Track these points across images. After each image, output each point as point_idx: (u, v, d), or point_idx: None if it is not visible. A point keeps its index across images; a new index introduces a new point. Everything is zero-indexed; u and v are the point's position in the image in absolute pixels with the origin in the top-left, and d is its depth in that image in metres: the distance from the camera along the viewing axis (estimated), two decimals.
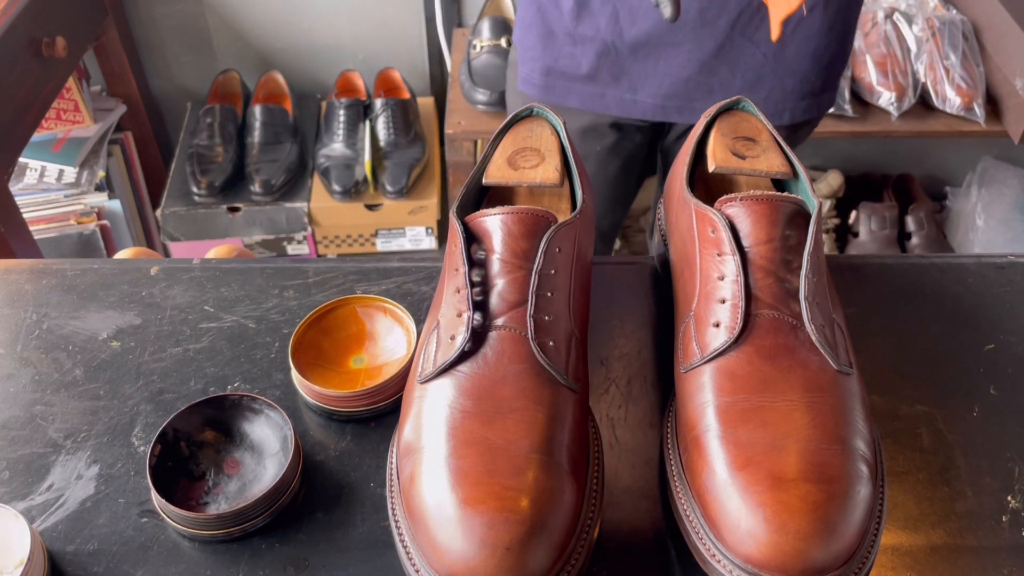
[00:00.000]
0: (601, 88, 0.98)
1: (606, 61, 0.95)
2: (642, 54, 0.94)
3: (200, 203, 1.69)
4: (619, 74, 0.96)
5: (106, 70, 1.73)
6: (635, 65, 0.95)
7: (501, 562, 0.42)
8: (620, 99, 0.99)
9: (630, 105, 0.99)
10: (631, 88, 0.97)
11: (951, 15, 1.64)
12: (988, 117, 1.55)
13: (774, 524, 0.43)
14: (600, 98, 0.99)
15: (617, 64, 0.96)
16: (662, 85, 0.96)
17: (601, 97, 0.99)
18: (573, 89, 1.00)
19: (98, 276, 0.69)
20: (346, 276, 0.68)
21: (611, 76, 0.97)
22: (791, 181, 0.58)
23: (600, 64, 0.96)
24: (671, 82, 0.96)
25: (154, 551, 0.52)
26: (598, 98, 0.99)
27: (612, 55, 0.95)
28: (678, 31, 0.91)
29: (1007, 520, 0.53)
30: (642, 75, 0.96)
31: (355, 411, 0.58)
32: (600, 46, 0.94)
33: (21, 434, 0.58)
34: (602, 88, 0.98)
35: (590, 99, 1.00)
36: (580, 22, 0.94)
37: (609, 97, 0.99)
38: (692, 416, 0.49)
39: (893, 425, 0.58)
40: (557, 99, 1.01)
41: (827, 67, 0.96)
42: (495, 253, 0.51)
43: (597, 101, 0.99)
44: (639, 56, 0.94)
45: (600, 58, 0.95)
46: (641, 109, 0.99)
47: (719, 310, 0.51)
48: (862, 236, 1.83)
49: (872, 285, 0.68)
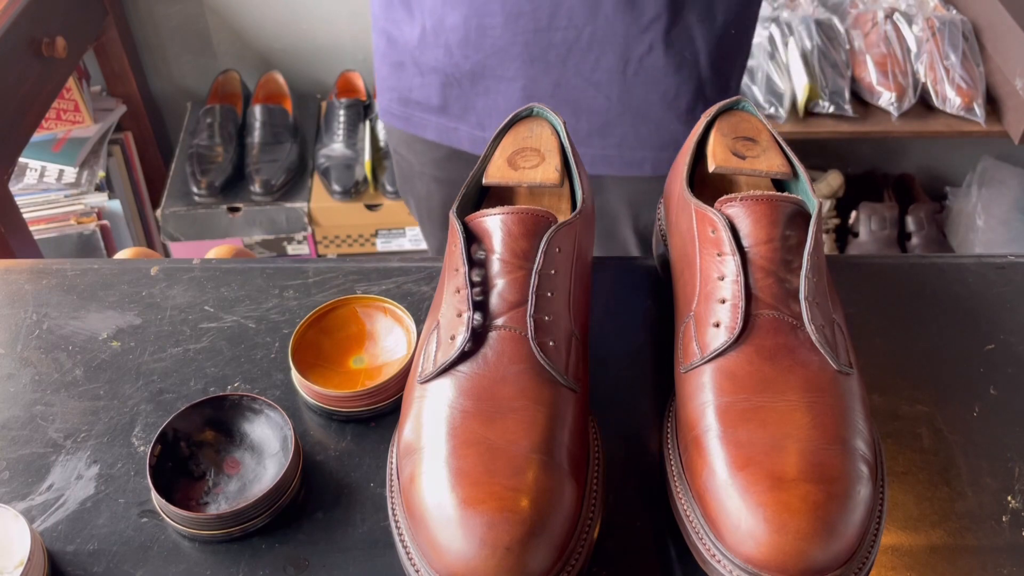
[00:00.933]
0: (454, 122, 0.93)
1: (452, 93, 0.90)
2: (481, 88, 0.88)
3: (200, 203, 1.69)
4: (466, 108, 0.91)
5: (106, 70, 1.74)
6: (478, 100, 0.89)
7: (501, 562, 0.42)
8: (471, 136, 0.93)
9: (481, 143, 0.93)
10: (479, 124, 0.91)
11: (951, 15, 1.64)
12: (988, 117, 1.55)
13: (774, 524, 0.43)
14: (454, 132, 0.94)
15: (462, 98, 0.90)
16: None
17: (455, 131, 0.94)
18: (429, 122, 0.95)
19: (98, 276, 0.69)
20: (346, 276, 0.68)
21: (460, 109, 0.91)
22: (791, 181, 0.58)
23: (447, 96, 0.91)
24: None
25: (154, 551, 0.52)
26: (452, 132, 0.94)
27: (455, 88, 0.90)
28: (508, 64, 0.85)
29: (1007, 520, 0.53)
30: (486, 110, 0.90)
31: (355, 411, 0.58)
32: (443, 77, 0.89)
33: (21, 434, 0.58)
34: (455, 122, 0.93)
35: (445, 132, 0.94)
36: (423, 51, 0.89)
37: (462, 133, 0.93)
38: (692, 416, 0.49)
39: (893, 425, 0.58)
40: (417, 130, 0.96)
41: (688, 112, 0.88)
42: (495, 253, 0.51)
43: (452, 135, 0.94)
44: (479, 90, 0.88)
45: (445, 89, 0.90)
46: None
47: (719, 310, 0.51)
48: (862, 236, 1.83)
49: (872, 285, 0.68)
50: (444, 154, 0.98)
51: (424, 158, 1.00)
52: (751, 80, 1.59)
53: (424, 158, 1.00)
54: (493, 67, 0.86)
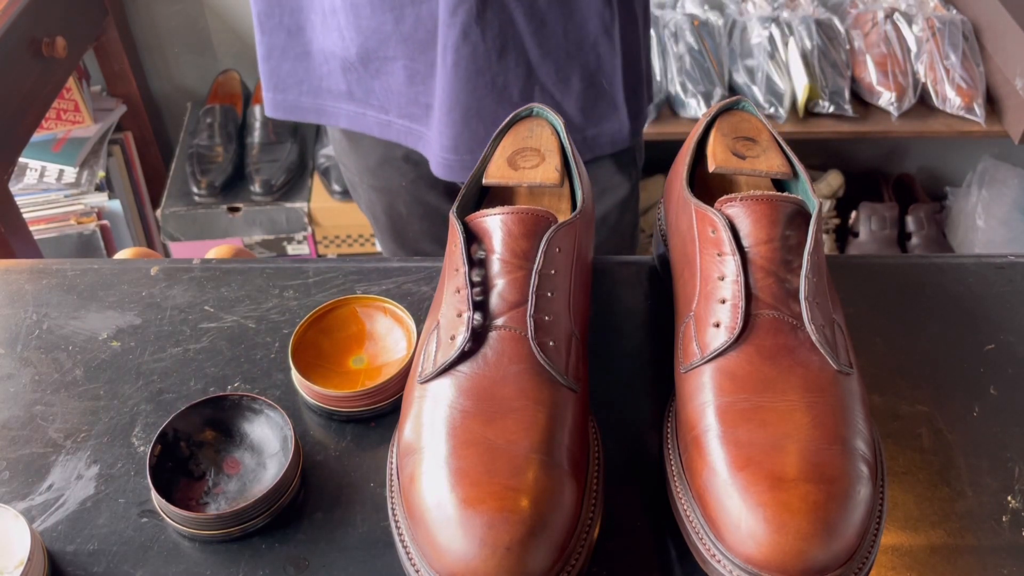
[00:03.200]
0: (361, 107, 0.91)
1: (352, 77, 0.89)
2: (372, 69, 0.86)
3: (200, 203, 1.69)
4: (367, 91, 0.89)
5: (106, 70, 1.73)
6: (374, 82, 0.88)
7: (501, 562, 0.42)
8: (378, 120, 0.91)
9: (387, 127, 0.91)
10: (381, 108, 0.90)
11: (951, 15, 1.64)
12: (988, 117, 1.55)
13: (774, 524, 0.43)
14: (362, 118, 0.92)
15: (361, 81, 0.89)
16: (400, 104, 0.88)
17: (363, 117, 0.92)
18: (340, 110, 0.93)
19: (98, 276, 0.69)
20: (346, 276, 0.68)
21: (362, 93, 0.90)
22: (791, 181, 0.58)
23: (349, 80, 0.89)
24: (405, 100, 0.88)
25: (154, 551, 0.52)
26: (361, 117, 0.92)
27: (353, 72, 0.88)
28: (386, 44, 0.83)
29: (1007, 520, 0.53)
30: (384, 92, 0.88)
31: (355, 411, 0.58)
32: (341, 62, 0.88)
33: (21, 434, 0.58)
34: (362, 107, 0.91)
35: (356, 119, 0.93)
36: (325, 37, 0.87)
37: (369, 118, 0.92)
38: (692, 416, 0.49)
39: (893, 425, 0.58)
40: (331, 120, 0.94)
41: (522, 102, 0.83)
42: (495, 253, 0.51)
43: (361, 120, 0.92)
44: (371, 72, 0.87)
45: (346, 74, 0.89)
46: (396, 132, 0.91)
47: (719, 310, 0.51)
48: (862, 236, 1.83)
49: (872, 285, 0.68)
50: (376, 161, 0.97)
51: (360, 166, 0.99)
52: (751, 80, 1.59)
53: (360, 166, 0.99)
54: (375, 48, 0.85)
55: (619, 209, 0.97)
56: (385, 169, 0.97)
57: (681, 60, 1.59)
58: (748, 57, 1.61)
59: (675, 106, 1.58)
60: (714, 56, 1.60)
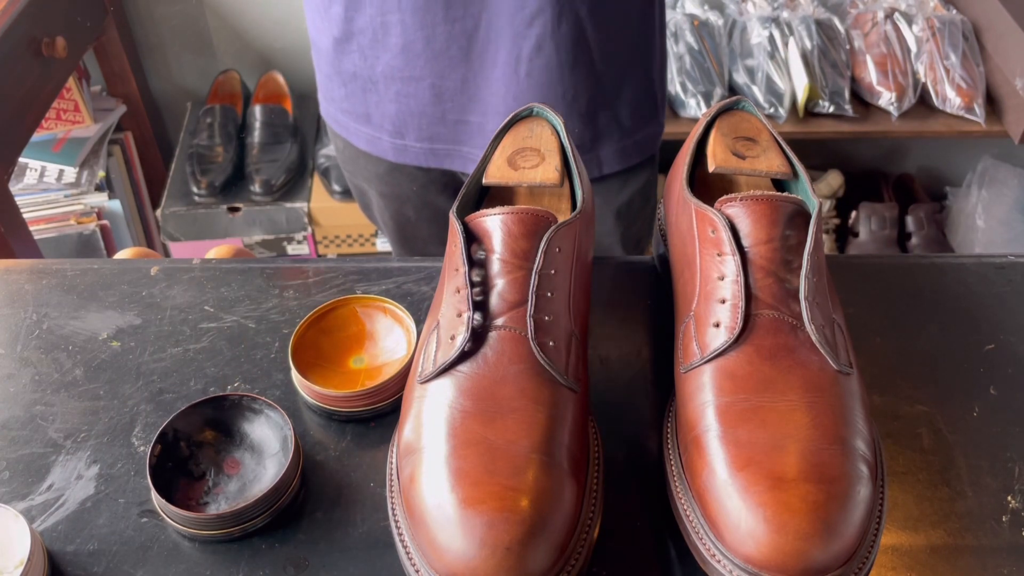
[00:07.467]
0: (377, 132, 0.92)
1: (371, 100, 0.89)
2: (393, 92, 0.87)
3: (200, 203, 1.69)
4: (383, 115, 0.90)
5: (106, 70, 1.73)
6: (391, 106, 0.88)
7: (501, 562, 0.42)
8: (393, 145, 0.92)
9: (402, 151, 0.92)
10: (398, 133, 0.90)
11: (951, 15, 1.64)
12: (988, 117, 1.55)
13: (774, 524, 0.43)
14: (378, 142, 0.93)
15: (380, 104, 0.89)
16: (421, 126, 0.89)
17: (379, 141, 0.93)
18: (361, 132, 0.94)
19: (98, 276, 0.69)
20: (346, 276, 0.68)
21: (379, 117, 0.90)
22: (791, 181, 0.58)
23: (368, 103, 0.90)
24: (428, 121, 0.88)
25: (154, 551, 0.52)
26: (377, 141, 0.93)
27: (374, 94, 0.88)
28: (414, 62, 0.83)
29: (1007, 520, 0.53)
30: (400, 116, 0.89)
31: (355, 411, 0.58)
32: (363, 83, 0.88)
33: (21, 434, 0.58)
34: (377, 132, 0.92)
35: (372, 143, 0.94)
36: (340, 59, 0.88)
37: (384, 143, 0.93)
38: (692, 416, 0.49)
39: (893, 425, 0.58)
40: (352, 139, 0.95)
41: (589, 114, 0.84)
42: (495, 253, 0.51)
43: (377, 144, 0.93)
44: (391, 95, 0.87)
45: (367, 95, 0.89)
46: (413, 155, 0.92)
47: (719, 310, 0.51)
48: (862, 236, 1.83)
49: (872, 285, 0.68)
50: (387, 168, 0.97)
51: (368, 173, 1.00)
52: (751, 80, 1.59)
53: (368, 173, 1.00)
54: (400, 67, 0.85)
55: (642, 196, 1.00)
56: (395, 175, 0.98)
57: (681, 60, 1.59)
58: (748, 57, 1.61)
59: (675, 106, 1.58)
60: (714, 56, 1.60)
